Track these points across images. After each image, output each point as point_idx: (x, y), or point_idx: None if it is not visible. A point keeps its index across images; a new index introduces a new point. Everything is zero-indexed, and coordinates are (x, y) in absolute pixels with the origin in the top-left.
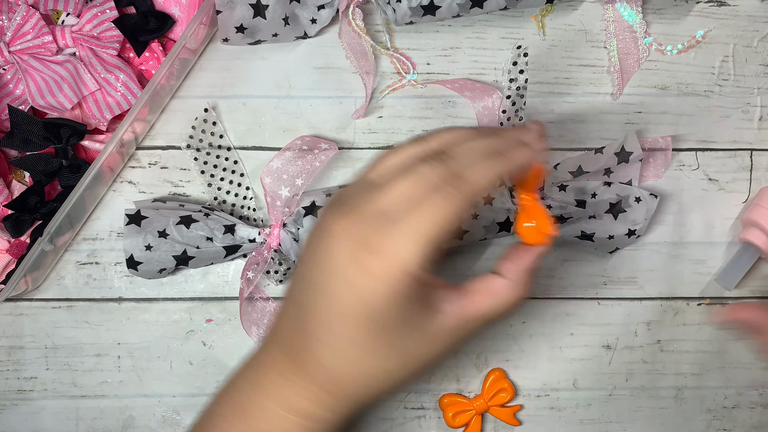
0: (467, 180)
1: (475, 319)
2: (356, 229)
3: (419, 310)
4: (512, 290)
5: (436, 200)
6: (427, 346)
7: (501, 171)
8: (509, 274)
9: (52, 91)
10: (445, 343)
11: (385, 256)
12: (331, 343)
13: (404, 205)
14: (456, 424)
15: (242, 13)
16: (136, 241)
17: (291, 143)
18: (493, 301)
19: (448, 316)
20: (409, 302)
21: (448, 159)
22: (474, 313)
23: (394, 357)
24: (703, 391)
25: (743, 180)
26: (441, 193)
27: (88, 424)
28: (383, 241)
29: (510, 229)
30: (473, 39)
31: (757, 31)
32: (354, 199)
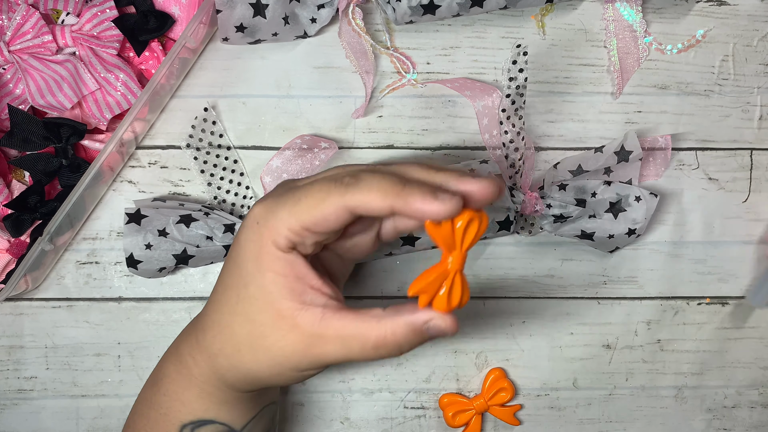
0: (354, 188)
1: (333, 335)
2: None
3: (284, 292)
4: (379, 327)
5: (319, 194)
6: (277, 332)
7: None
8: (389, 311)
9: (52, 90)
10: (294, 343)
11: (263, 224)
12: (215, 288)
13: (297, 194)
14: (456, 424)
15: (242, 12)
16: (136, 240)
17: (291, 142)
18: (356, 325)
19: (313, 316)
20: (274, 273)
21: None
22: (335, 327)
23: (246, 326)
24: (703, 391)
25: (743, 179)
26: (327, 190)
27: (88, 424)
28: (269, 212)
29: (510, 228)
30: (473, 38)
31: (757, 31)
32: (275, 189)
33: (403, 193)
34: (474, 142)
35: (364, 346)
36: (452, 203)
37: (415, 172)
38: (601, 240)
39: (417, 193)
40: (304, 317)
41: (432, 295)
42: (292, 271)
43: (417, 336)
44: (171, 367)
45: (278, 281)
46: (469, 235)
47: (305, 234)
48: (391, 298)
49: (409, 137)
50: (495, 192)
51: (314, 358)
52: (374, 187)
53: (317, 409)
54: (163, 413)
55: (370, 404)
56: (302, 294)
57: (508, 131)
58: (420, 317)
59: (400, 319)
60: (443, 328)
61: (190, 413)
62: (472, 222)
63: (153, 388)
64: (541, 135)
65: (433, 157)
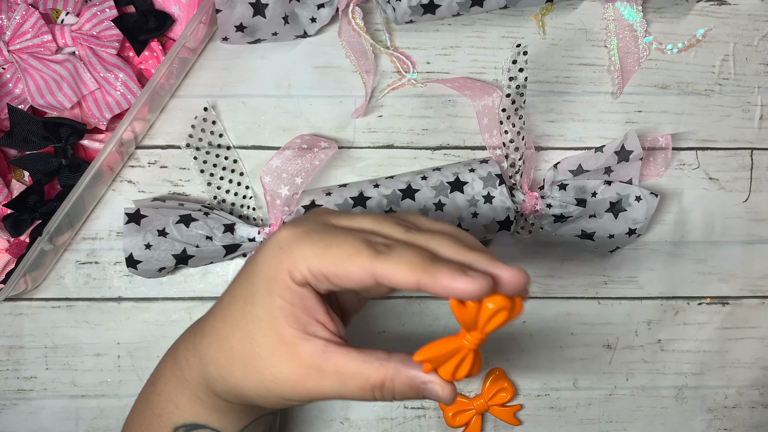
0: (385, 258)
1: (332, 371)
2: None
3: (289, 320)
4: (380, 371)
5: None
6: (275, 357)
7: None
8: (394, 359)
9: (52, 90)
10: (290, 372)
11: (285, 251)
12: (222, 295)
13: (329, 239)
14: (456, 424)
15: (242, 11)
16: (136, 240)
17: (290, 142)
18: (356, 365)
19: (315, 347)
20: (283, 300)
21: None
22: (336, 363)
23: (243, 342)
24: (704, 391)
25: (744, 179)
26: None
27: (87, 424)
28: (295, 243)
29: (510, 228)
30: (473, 38)
31: (757, 30)
32: (309, 218)
33: (431, 269)
34: (474, 141)
35: (363, 386)
36: (482, 282)
37: (448, 249)
38: (602, 240)
39: (445, 271)
40: (306, 347)
41: (438, 366)
42: (302, 302)
43: (413, 391)
44: (167, 368)
45: (285, 308)
46: (496, 321)
47: (323, 280)
48: (390, 298)
49: (409, 137)
50: (526, 283)
51: (305, 391)
52: (404, 261)
53: (317, 409)
54: (158, 414)
55: (370, 404)
56: (307, 325)
57: (508, 131)
58: (422, 377)
59: (403, 370)
60: (440, 396)
61: (182, 416)
62: (503, 309)
63: (150, 387)
64: (542, 135)
65: (433, 157)
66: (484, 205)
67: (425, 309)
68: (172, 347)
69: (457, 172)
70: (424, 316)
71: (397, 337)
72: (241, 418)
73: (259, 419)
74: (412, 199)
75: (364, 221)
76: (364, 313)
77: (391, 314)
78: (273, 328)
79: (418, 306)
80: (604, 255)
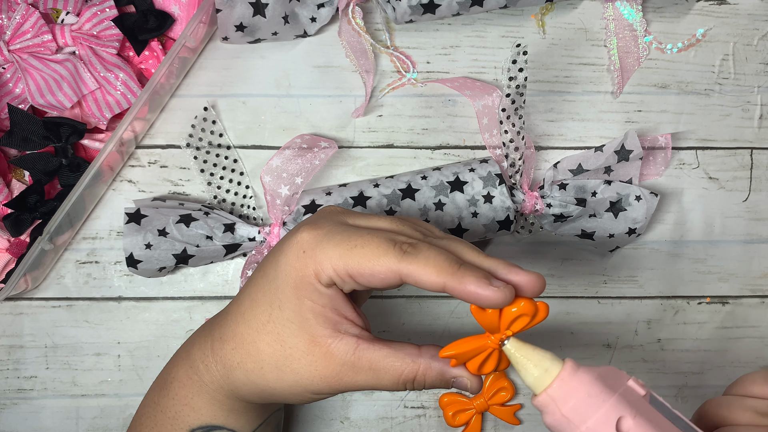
0: (412, 258)
1: (366, 367)
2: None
3: (320, 320)
4: (412, 365)
5: (376, 253)
6: (309, 357)
7: (445, 284)
8: (425, 353)
9: (52, 90)
10: (325, 369)
11: (309, 255)
12: (241, 297)
13: (354, 239)
14: (456, 423)
15: (242, 11)
16: (136, 240)
17: (290, 142)
18: (390, 360)
19: (348, 345)
20: (312, 302)
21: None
22: (369, 359)
23: (274, 346)
24: (704, 390)
25: (743, 179)
26: (385, 250)
27: (88, 423)
28: (318, 245)
29: (510, 228)
30: (473, 37)
31: (757, 30)
32: (326, 218)
33: (458, 273)
34: (474, 141)
35: (396, 380)
36: (506, 292)
37: (468, 254)
38: (602, 239)
39: (472, 277)
40: (339, 346)
41: (464, 361)
42: (330, 303)
43: (443, 383)
44: (182, 372)
45: (316, 309)
46: (519, 324)
47: (348, 280)
48: (390, 298)
49: (408, 136)
50: (542, 287)
51: (341, 385)
52: (431, 262)
53: (317, 409)
54: (171, 416)
55: (370, 403)
56: (337, 323)
57: (508, 131)
58: (452, 372)
59: (435, 365)
60: (468, 387)
61: (198, 418)
62: (525, 315)
63: (162, 390)
64: (542, 134)
65: (433, 156)
66: (484, 204)
67: (425, 309)
68: (184, 351)
69: (457, 171)
70: (424, 316)
71: (397, 336)
72: (256, 416)
73: (271, 416)
74: (412, 199)
75: (382, 222)
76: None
77: (391, 314)
78: (305, 330)
79: (418, 306)
80: (604, 255)
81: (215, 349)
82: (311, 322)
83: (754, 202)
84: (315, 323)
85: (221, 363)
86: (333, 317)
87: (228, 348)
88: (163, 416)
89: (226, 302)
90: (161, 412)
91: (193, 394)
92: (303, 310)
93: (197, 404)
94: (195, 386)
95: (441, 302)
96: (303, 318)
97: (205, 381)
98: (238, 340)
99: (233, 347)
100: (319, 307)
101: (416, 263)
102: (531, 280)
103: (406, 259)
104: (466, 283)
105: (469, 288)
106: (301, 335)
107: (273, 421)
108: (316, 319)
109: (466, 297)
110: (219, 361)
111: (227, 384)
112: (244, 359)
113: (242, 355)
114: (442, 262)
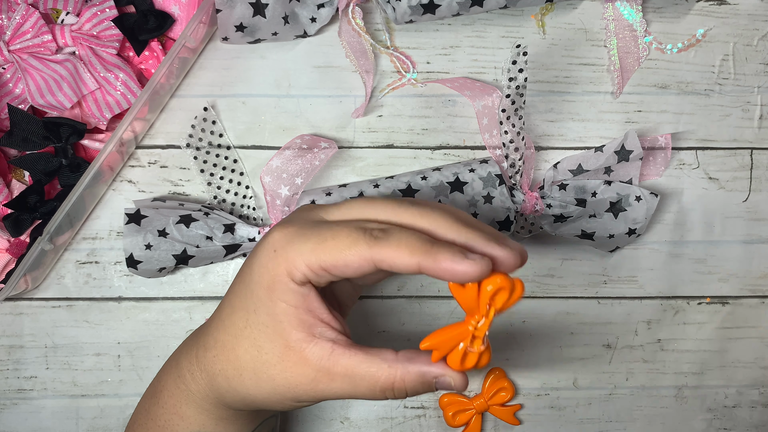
0: (383, 242)
1: (341, 373)
2: (281, 234)
3: (294, 323)
4: (389, 371)
5: (347, 243)
6: (284, 363)
7: (420, 264)
8: (401, 358)
9: (52, 90)
10: (300, 376)
11: (280, 254)
12: (221, 305)
13: (323, 233)
14: (456, 424)
15: (242, 11)
16: (136, 240)
17: (291, 142)
18: (366, 367)
19: (322, 350)
20: (286, 304)
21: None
22: (344, 365)
23: (251, 351)
24: (704, 390)
25: (743, 179)
26: (355, 239)
27: (88, 423)
28: (289, 243)
29: (510, 228)
30: (473, 38)
31: (757, 30)
32: (297, 216)
33: (432, 251)
34: (474, 141)
35: (372, 387)
36: (482, 264)
37: (445, 227)
38: (602, 240)
39: (446, 253)
40: (313, 351)
41: (446, 352)
42: (304, 303)
43: (425, 387)
44: (170, 381)
45: (289, 312)
46: (498, 301)
47: (322, 273)
48: (390, 298)
49: (408, 137)
50: (520, 263)
51: (318, 392)
52: (403, 244)
53: (317, 409)
54: (161, 425)
55: (371, 403)
56: (312, 327)
57: (508, 131)
58: (432, 371)
59: (412, 368)
60: (453, 386)
61: (187, 427)
62: (503, 290)
63: (152, 399)
64: (542, 134)
65: (433, 157)
66: (484, 205)
67: (425, 309)
68: (173, 359)
69: (457, 172)
70: (424, 316)
71: (397, 337)
72: (246, 424)
73: (264, 422)
74: None
75: (354, 208)
76: (365, 312)
77: (391, 314)
78: (279, 334)
79: (418, 306)
80: (604, 255)
81: (199, 357)
82: (285, 326)
83: (754, 203)
84: (289, 327)
85: (205, 371)
86: (307, 319)
87: (210, 356)
88: (153, 425)
89: None
90: (152, 420)
91: (182, 403)
92: (277, 312)
93: (186, 413)
94: (183, 395)
95: (441, 302)
96: (277, 321)
97: (191, 390)
98: (219, 348)
99: (215, 355)
100: (292, 308)
101: (388, 247)
102: (508, 256)
103: (377, 244)
104: (440, 260)
105: (443, 264)
106: (277, 339)
107: (265, 428)
108: (290, 322)
109: (441, 274)
110: (203, 369)
111: (212, 392)
112: (225, 366)
113: (223, 362)
114: (414, 242)
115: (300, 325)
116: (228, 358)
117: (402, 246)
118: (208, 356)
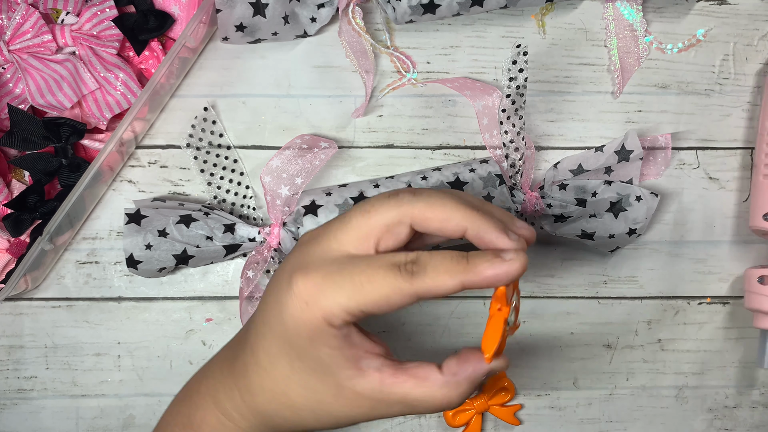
0: (422, 276)
1: (396, 401)
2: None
3: (340, 362)
4: (443, 390)
5: (384, 285)
6: (340, 400)
7: (463, 282)
8: (448, 374)
9: (52, 90)
10: (359, 408)
11: (313, 305)
12: (256, 351)
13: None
14: (456, 424)
15: (242, 11)
16: (136, 241)
17: (291, 142)
18: (420, 391)
19: (372, 382)
20: (329, 348)
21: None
22: (397, 393)
23: (304, 394)
24: (704, 391)
25: (744, 179)
26: (393, 280)
27: (88, 424)
28: (321, 293)
29: None
30: (473, 38)
31: (757, 30)
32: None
33: (469, 267)
34: (474, 141)
35: (429, 408)
36: (521, 260)
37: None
38: (602, 240)
39: (483, 262)
40: (364, 385)
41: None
42: (347, 342)
43: (476, 387)
44: (212, 418)
45: (334, 354)
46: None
47: (362, 315)
48: None
49: (409, 137)
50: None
51: (378, 416)
52: (440, 270)
53: None
54: None
55: None
56: (358, 360)
57: (508, 131)
58: (479, 372)
59: (462, 380)
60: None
61: None
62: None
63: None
64: (542, 134)
65: (433, 157)
66: None
67: (425, 309)
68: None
69: (457, 172)
70: (424, 316)
71: (397, 337)
72: None
73: None
74: None
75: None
76: None
77: (391, 314)
78: (329, 376)
79: (418, 306)
80: (605, 255)
81: (246, 401)
82: (333, 368)
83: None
84: (336, 368)
85: (258, 414)
86: (352, 354)
87: (260, 401)
88: None
89: (226, 302)
90: None
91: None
92: (322, 357)
93: None
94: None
95: (441, 302)
96: (324, 365)
97: (241, 427)
98: (268, 394)
99: (267, 400)
100: (337, 351)
101: (427, 278)
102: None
103: (416, 280)
104: (481, 271)
105: (486, 274)
106: (327, 381)
107: None
108: (336, 363)
109: (487, 284)
110: (256, 413)
111: (267, 428)
112: (280, 409)
113: (277, 406)
114: (448, 263)
115: (346, 363)
116: (282, 402)
117: (440, 272)
118: (258, 401)
